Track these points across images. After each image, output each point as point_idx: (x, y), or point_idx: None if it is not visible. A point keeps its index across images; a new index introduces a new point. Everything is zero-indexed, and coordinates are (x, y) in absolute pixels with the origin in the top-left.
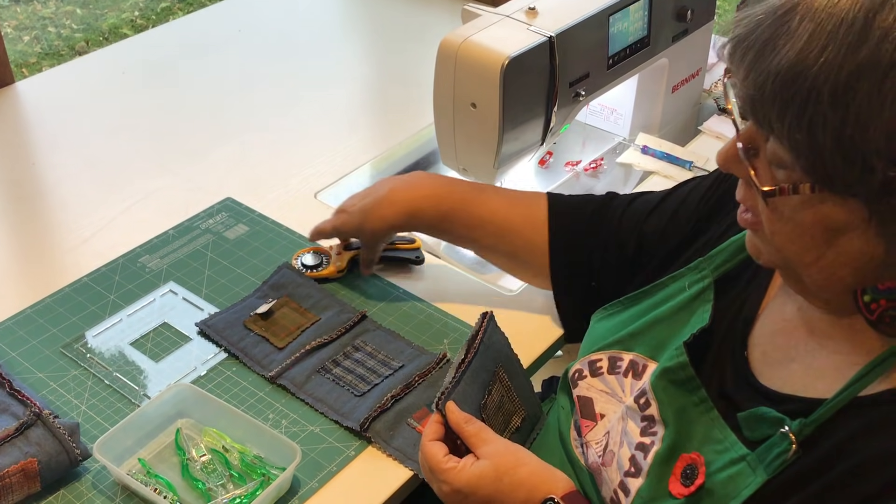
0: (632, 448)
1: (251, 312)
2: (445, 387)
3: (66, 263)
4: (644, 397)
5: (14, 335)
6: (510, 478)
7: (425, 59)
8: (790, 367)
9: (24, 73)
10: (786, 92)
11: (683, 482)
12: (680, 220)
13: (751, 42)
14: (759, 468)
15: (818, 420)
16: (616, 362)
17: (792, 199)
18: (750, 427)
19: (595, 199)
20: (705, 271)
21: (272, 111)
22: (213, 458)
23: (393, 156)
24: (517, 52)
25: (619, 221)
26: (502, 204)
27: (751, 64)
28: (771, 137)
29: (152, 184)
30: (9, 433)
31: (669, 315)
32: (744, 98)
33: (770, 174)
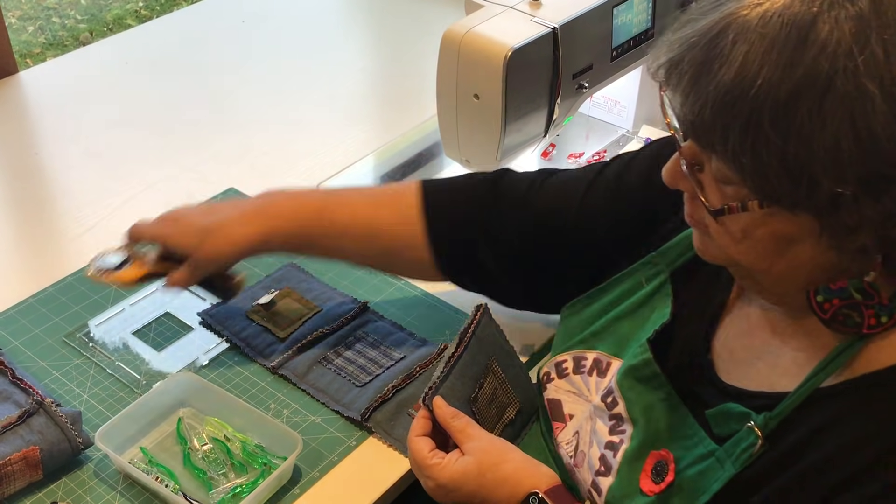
0: (601, 447)
1: (253, 303)
2: (433, 381)
3: (69, 252)
4: (611, 396)
5: (17, 324)
6: (493, 474)
7: (428, 51)
8: (756, 366)
9: (28, 63)
10: (726, 116)
11: (654, 479)
12: (620, 209)
13: (685, 66)
14: (727, 463)
15: (782, 413)
16: (580, 362)
17: (741, 216)
18: (718, 424)
19: (480, 177)
20: (660, 265)
21: (275, 102)
22: (214, 447)
23: (396, 147)
24: (520, 43)
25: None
26: (364, 204)
27: (687, 88)
28: (714, 156)
29: (155, 174)
30: (11, 421)
31: (630, 311)
32: (683, 122)
33: (717, 189)
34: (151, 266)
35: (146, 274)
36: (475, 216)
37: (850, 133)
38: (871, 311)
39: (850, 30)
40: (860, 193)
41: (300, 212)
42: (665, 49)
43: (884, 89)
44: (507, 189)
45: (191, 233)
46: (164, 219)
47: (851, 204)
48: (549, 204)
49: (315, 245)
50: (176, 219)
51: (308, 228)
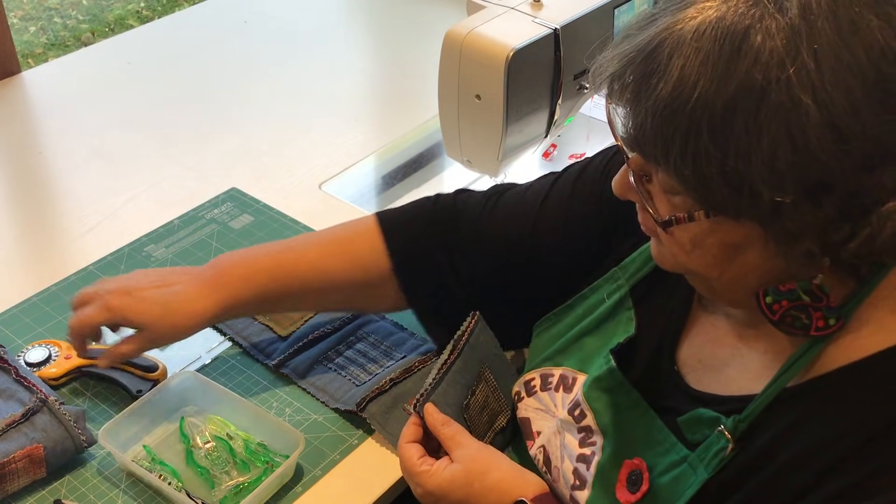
0: (573, 461)
1: None
2: (425, 388)
3: (71, 252)
4: (578, 409)
5: (20, 323)
6: (481, 483)
7: (430, 51)
8: (725, 372)
9: (30, 64)
10: (666, 130)
11: (630, 489)
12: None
13: (625, 81)
14: (699, 468)
15: (750, 415)
16: (547, 379)
17: (689, 225)
18: (691, 430)
19: (438, 204)
20: (620, 280)
21: (277, 102)
22: (217, 445)
23: (397, 147)
24: (522, 44)
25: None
26: (319, 256)
27: (628, 103)
28: (659, 169)
29: (157, 173)
30: (15, 419)
31: (593, 327)
32: (627, 135)
33: (665, 199)
34: (78, 358)
35: (74, 368)
36: (439, 251)
37: (786, 143)
38: (818, 314)
39: (782, 41)
40: (800, 201)
41: (255, 277)
42: (606, 64)
43: (817, 99)
44: (460, 218)
45: (151, 305)
46: (112, 293)
47: (793, 211)
48: (502, 232)
49: (278, 304)
50: (127, 291)
51: (266, 292)
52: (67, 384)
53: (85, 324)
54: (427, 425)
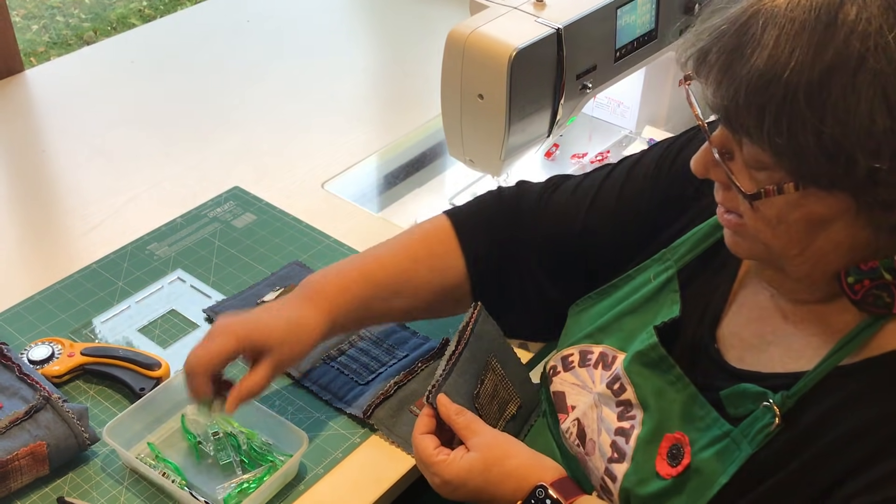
0: (611, 434)
1: (258, 300)
2: (436, 380)
3: (74, 250)
4: (618, 383)
5: (23, 320)
6: (499, 469)
7: (433, 51)
8: (769, 351)
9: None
10: (760, 98)
11: (670, 462)
12: (628, 210)
13: (716, 53)
14: (743, 443)
15: (800, 391)
16: (586, 356)
17: (777, 199)
18: (733, 404)
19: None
20: (669, 262)
21: (280, 101)
22: (224, 436)
23: (399, 147)
24: (525, 43)
25: (542, 215)
26: (403, 260)
27: (719, 75)
28: (745, 141)
29: (160, 172)
30: (18, 417)
31: (637, 307)
32: (717, 108)
33: (749, 175)
34: (74, 363)
35: (77, 365)
36: (502, 247)
37: (883, 108)
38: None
39: (878, 8)
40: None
41: (350, 288)
42: (693, 39)
43: None
44: (520, 211)
45: (274, 327)
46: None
47: (888, 178)
48: (556, 223)
49: (370, 312)
50: (246, 319)
51: (361, 301)
52: (70, 382)
53: (214, 354)
54: (441, 416)
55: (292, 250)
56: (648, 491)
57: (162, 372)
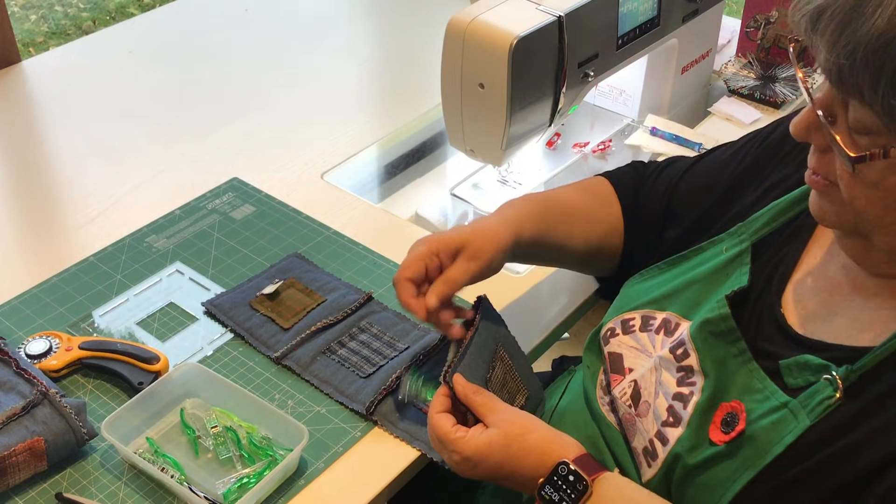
0: (669, 398)
1: (257, 293)
2: (451, 361)
3: (72, 243)
4: (682, 348)
5: (21, 314)
6: (519, 444)
7: (432, 40)
8: (833, 321)
9: (30, 52)
10: (878, 59)
11: (723, 429)
12: (711, 185)
13: (834, 11)
14: (801, 414)
15: (864, 367)
16: (649, 321)
17: (878, 163)
18: (792, 374)
19: (634, 171)
20: (744, 235)
21: (279, 91)
22: (223, 430)
23: (399, 137)
24: (526, 31)
25: (650, 192)
26: (578, 193)
27: (836, 33)
28: (853, 104)
29: (159, 163)
30: (15, 412)
31: (704, 277)
32: (830, 67)
33: (851, 139)
34: (71, 356)
35: (75, 359)
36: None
37: None
38: None
39: None
40: None
41: (533, 206)
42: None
43: None
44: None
45: (461, 229)
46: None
47: None
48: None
49: (552, 232)
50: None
51: (545, 217)
52: (68, 376)
53: (412, 260)
54: (458, 395)
55: (292, 242)
56: (699, 458)
57: (161, 366)
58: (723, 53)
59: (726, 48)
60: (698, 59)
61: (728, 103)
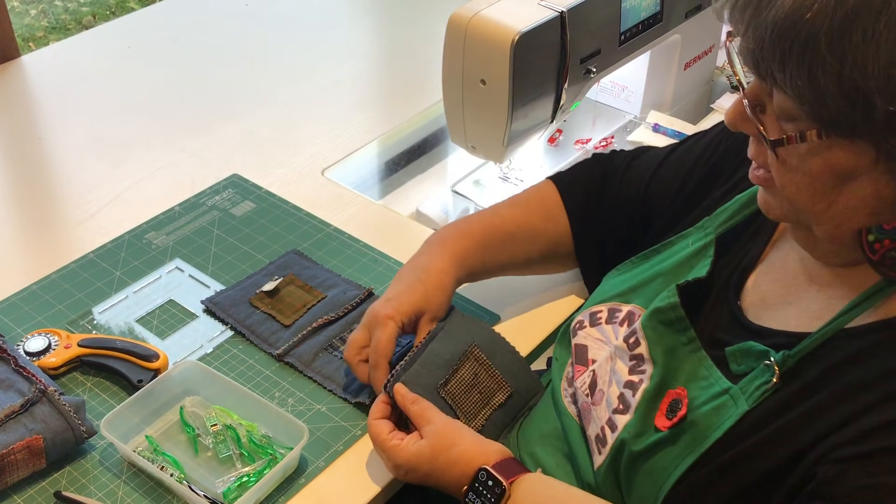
0: (620, 386)
1: (257, 290)
2: (395, 371)
3: (71, 239)
4: (633, 336)
5: (19, 311)
6: (445, 457)
7: (434, 35)
8: (786, 310)
9: (30, 47)
10: (784, 41)
11: (668, 416)
12: (685, 179)
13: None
14: (740, 399)
15: (802, 351)
16: (615, 313)
17: (799, 147)
18: (737, 360)
19: (596, 163)
20: (709, 229)
21: (279, 87)
22: (223, 428)
23: (400, 133)
24: (528, 27)
25: (620, 182)
26: (520, 212)
27: (749, 19)
28: (774, 90)
29: (158, 160)
30: (14, 410)
31: (670, 270)
32: (745, 53)
33: (778, 127)
34: (70, 354)
35: (74, 357)
36: (594, 208)
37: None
38: None
39: None
40: None
41: (472, 234)
42: None
43: None
44: (606, 178)
45: (413, 294)
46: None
47: None
48: (629, 186)
49: (493, 260)
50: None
51: (486, 249)
52: (67, 374)
53: (387, 345)
54: (398, 404)
55: (292, 239)
56: (644, 444)
57: (160, 363)
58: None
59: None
60: (701, 55)
61: (730, 99)
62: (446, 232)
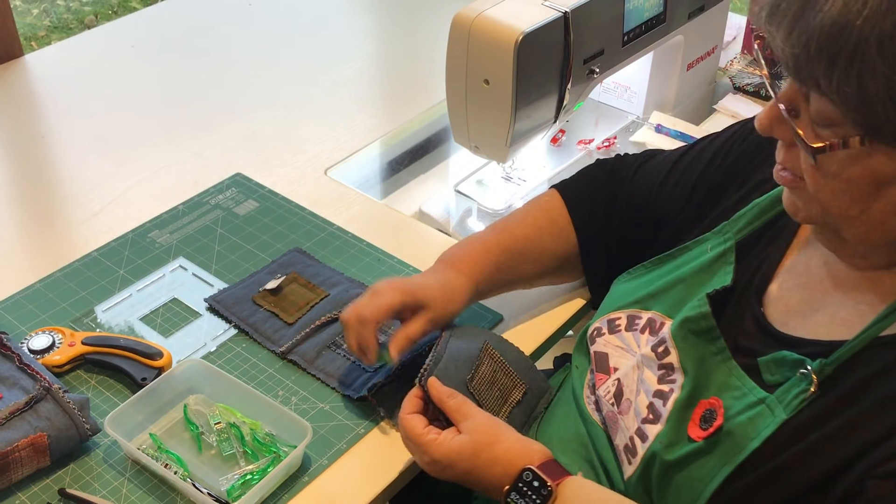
0: (649, 396)
1: (260, 288)
2: (426, 364)
3: (75, 237)
4: (662, 346)
5: (23, 309)
6: (487, 454)
7: (437, 35)
8: (814, 318)
9: (32, 47)
10: (832, 47)
11: (702, 426)
12: (696, 184)
13: (790, 2)
14: (777, 409)
15: (838, 360)
16: (634, 320)
17: (839, 154)
18: (770, 370)
19: (601, 171)
20: (728, 234)
21: (282, 86)
22: (227, 426)
23: (403, 133)
24: (531, 27)
25: (629, 192)
26: (531, 233)
27: (791, 24)
28: (813, 96)
29: (162, 158)
30: (18, 407)
31: (690, 276)
32: (786, 58)
33: (813, 132)
34: (75, 351)
35: (78, 355)
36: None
37: None
38: None
39: None
40: None
41: (487, 254)
42: None
43: None
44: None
45: (433, 285)
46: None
47: None
48: (639, 191)
49: (505, 276)
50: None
51: (496, 264)
52: (71, 371)
53: (385, 307)
54: (432, 398)
55: (295, 238)
56: (677, 455)
57: (164, 361)
58: (728, 50)
59: (732, 45)
60: (704, 55)
61: (733, 100)
62: (461, 252)
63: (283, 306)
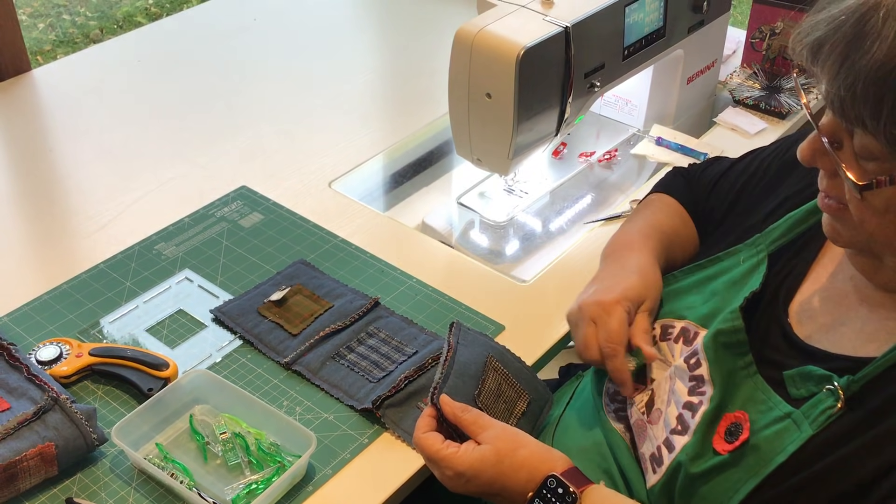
0: (679, 407)
1: (265, 300)
2: (436, 382)
3: (82, 250)
4: (695, 357)
5: (31, 321)
6: (511, 460)
7: (440, 50)
8: (840, 331)
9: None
10: (879, 91)
11: (727, 439)
12: (739, 193)
13: (834, 43)
14: (804, 424)
15: (866, 377)
16: (668, 329)
17: (886, 190)
18: (796, 384)
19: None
20: (761, 246)
21: (287, 100)
22: (232, 436)
23: (406, 146)
24: (533, 42)
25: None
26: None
27: (837, 65)
28: (857, 131)
29: (168, 171)
30: (26, 417)
31: (724, 289)
32: (831, 98)
33: (857, 165)
34: (81, 363)
35: (86, 366)
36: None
37: None
38: None
39: None
40: None
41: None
42: (809, 29)
43: None
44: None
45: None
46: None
47: None
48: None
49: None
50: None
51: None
52: (78, 382)
53: (618, 329)
54: (445, 415)
55: (299, 250)
56: (702, 467)
57: (170, 372)
58: (728, 64)
59: (731, 59)
60: (704, 69)
61: (733, 113)
62: (625, 238)
63: (287, 317)
